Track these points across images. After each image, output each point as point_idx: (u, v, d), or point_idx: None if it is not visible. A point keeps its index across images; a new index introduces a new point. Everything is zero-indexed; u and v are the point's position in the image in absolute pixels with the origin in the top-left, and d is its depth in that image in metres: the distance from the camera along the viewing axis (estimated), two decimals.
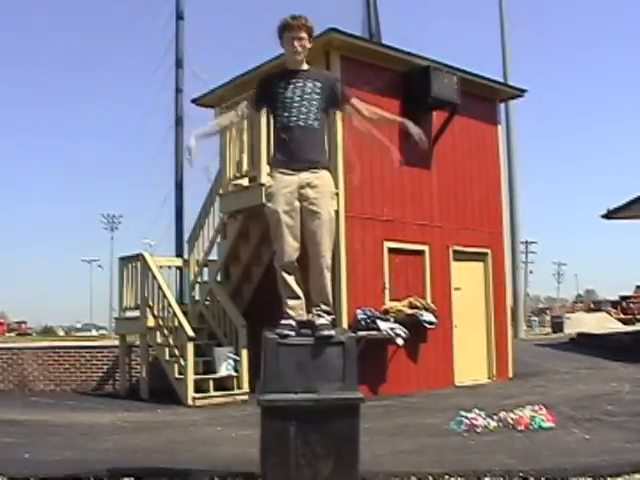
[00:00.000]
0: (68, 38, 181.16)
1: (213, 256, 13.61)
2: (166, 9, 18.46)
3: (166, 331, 12.11)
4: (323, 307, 4.59)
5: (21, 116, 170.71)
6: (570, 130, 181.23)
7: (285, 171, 4.54)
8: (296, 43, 4.58)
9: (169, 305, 12.02)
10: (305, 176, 4.52)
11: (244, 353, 11.75)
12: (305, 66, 4.70)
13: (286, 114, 4.56)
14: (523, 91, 15.48)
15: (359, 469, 4.63)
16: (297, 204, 4.50)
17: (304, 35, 4.57)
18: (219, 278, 13.42)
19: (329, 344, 4.44)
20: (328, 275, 4.57)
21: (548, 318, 45.70)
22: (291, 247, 4.48)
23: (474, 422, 7.66)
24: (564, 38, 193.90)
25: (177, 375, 11.56)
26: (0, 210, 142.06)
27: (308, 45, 4.62)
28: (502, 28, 29.37)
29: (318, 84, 4.61)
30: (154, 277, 12.48)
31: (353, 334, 5.26)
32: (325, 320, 4.53)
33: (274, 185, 4.55)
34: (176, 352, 11.72)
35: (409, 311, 11.96)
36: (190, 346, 11.38)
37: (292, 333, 4.45)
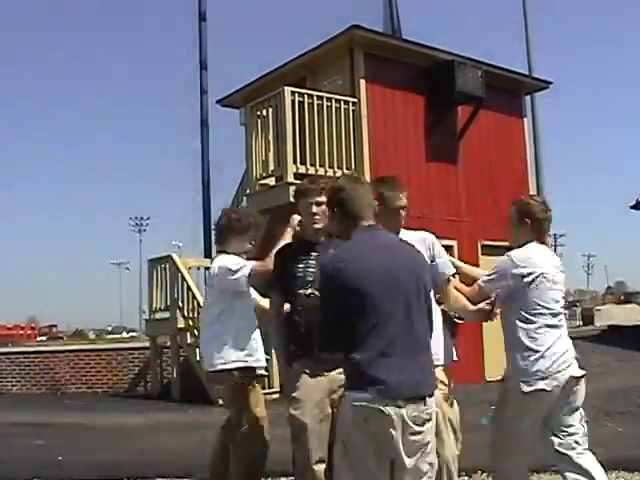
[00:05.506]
0: (88, 41, 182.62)
1: None
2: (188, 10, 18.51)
3: (196, 332, 12.14)
4: None
5: (48, 121, 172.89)
6: (599, 119, 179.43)
7: (312, 372, 3.77)
8: (315, 209, 3.90)
9: (199, 306, 12.05)
10: (336, 378, 3.67)
11: (274, 352, 11.74)
12: (323, 237, 3.99)
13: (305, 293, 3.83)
14: (548, 83, 15.34)
15: None
16: (328, 411, 3.75)
17: (324, 199, 3.67)
18: None
19: None
20: None
21: (578, 311, 45.21)
22: (316, 454, 3.69)
23: None
24: (583, 28, 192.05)
25: None
26: (30, 214, 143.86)
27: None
28: (525, 18, 29.09)
29: None
30: (183, 278, 12.53)
31: None
32: None
33: (300, 389, 3.77)
34: None
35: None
36: None
37: None
